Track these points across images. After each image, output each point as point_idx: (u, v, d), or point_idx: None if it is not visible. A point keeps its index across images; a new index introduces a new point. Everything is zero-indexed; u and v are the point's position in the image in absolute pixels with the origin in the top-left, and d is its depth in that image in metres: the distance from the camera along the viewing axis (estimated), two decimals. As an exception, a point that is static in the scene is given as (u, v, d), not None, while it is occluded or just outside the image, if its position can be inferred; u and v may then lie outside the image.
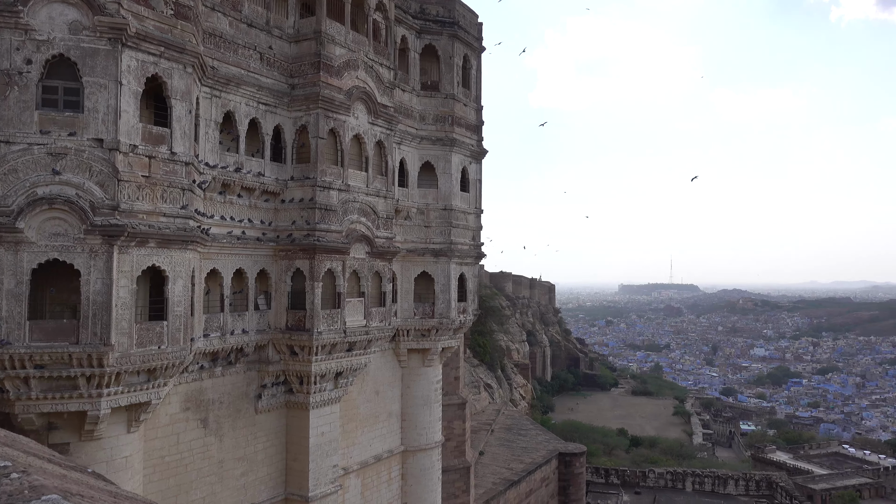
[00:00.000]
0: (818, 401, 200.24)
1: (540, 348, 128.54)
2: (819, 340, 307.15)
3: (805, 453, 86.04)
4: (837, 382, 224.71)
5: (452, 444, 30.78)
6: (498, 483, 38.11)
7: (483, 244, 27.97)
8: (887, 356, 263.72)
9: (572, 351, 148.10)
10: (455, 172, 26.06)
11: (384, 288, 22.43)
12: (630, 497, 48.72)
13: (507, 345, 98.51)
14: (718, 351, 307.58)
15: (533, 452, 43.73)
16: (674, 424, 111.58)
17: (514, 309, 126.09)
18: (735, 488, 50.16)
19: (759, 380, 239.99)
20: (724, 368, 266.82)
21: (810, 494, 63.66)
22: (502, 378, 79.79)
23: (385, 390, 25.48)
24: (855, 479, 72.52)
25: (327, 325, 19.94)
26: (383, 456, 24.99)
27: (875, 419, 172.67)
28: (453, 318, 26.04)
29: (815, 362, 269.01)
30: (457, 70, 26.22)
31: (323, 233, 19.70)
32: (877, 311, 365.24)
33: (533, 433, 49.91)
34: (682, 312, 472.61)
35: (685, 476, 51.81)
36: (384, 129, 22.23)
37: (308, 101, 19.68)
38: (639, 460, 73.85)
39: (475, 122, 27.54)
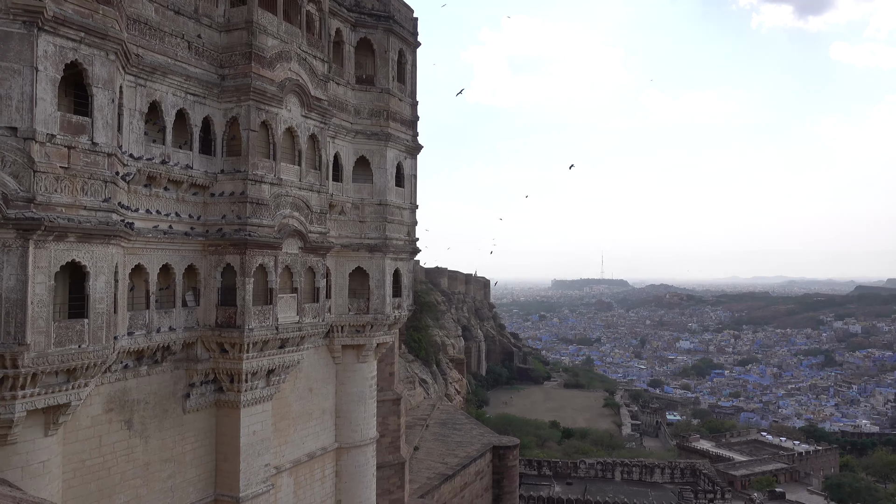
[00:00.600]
0: (739, 391, 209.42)
1: (475, 343, 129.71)
2: (740, 333, 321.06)
3: (726, 441, 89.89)
4: (756, 373, 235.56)
5: (387, 440, 30.72)
6: (433, 478, 38.27)
7: (418, 239, 27.99)
8: (802, 347, 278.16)
9: (507, 345, 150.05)
10: (390, 167, 25.96)
11: (318, 283, 22.15)
12: (562, 488, 49.77)
13: (442, 340, 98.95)
14: (646, 344, 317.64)
15: (467, 446, 44.11)
16: (604, 416, 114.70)
17: (450, 304, 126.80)
18: (661, 476, 51.95)
19: (685, 371, 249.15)
20: (651, 361, 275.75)
21: (731, 480, 66.61)
22: (437, 373, 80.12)
23: (319, 387, 25.18)
24: (772, 465, 76.24)
25: (259, 321, 19.55)
26: (317, 454, 24.71)
27: (790, 407, 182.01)
28: (388, 313, 25.96)
29: (736, 354, 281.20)
30: (392, 65, 26.11)
31: (254, 227, 19.28)
32: (793, 304, 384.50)
33: (468, 427, 50.33)
34: (612, 307, 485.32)
35: (614, 466, 53.27)
36: (318, 123, 21.93)
37: (239, 92, 19.21)
38: (570, 451, 75.60)
39: (410, 117, 27.49)
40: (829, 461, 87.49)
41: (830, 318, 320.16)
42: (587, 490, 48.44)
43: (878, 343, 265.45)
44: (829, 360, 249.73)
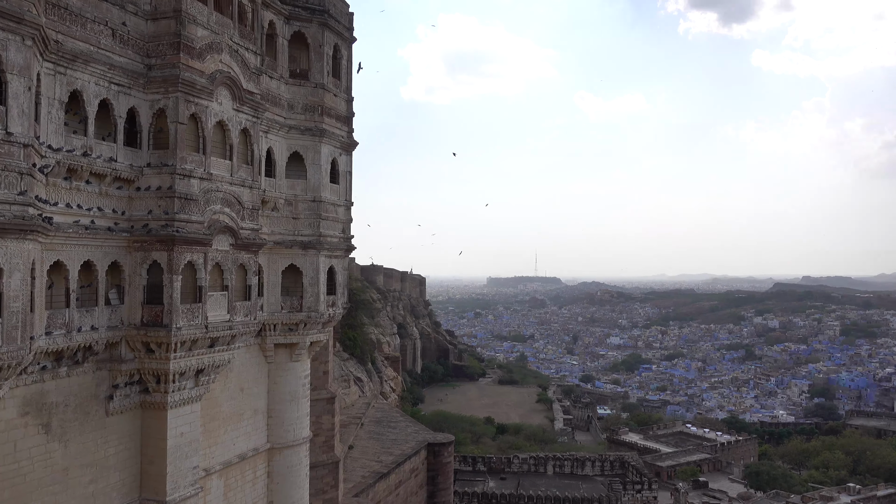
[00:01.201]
0: (665, 385, 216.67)
1: (410, 341, 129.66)
2: (667, 329, 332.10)
3: (654, 434, 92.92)
4: (682, 367, 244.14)
5: (321, 440, 30.37)
6: (367, 476, 38.07)
7: (353, 237, 27.76)
8: (724, 342, 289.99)
9: (442, 343, 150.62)
10: (325, 164, 25.63)
11: (249, 281, 21.69)
12: (495, 483, 50.34)
13: (377, 338, 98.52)
14: (578, 340, 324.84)
15: (402, 444, 44.06)
16: (537, 411, 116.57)
17: (386, 302, 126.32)
18: (592, 469, 53.20)
19: (615, 367, 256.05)
20: (583, 356, 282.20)
21: (658, 471, 68.91)
22: (373, 371, 79.75)
23: (250, 387, 24.66)
24: (696, 456, 79.31)
25: (187, 320, 18.98)
26: (248, 454, 24.20)
27: (714, 400, 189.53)
28: (322, 311, 25.65)
29: (663, 349, 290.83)
30: (327, 59, 25.77)
31: (183, 223, 18.70)
32: (716, 301, 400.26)
33: (403, 425, 50.29)
34: (545, 304, 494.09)
35: (547, 460, 54.25)
36: (250, 117, 21.45)
37: (167, 83, 18.58)
38: (504, 447, 76.52)
39: (346, 113, 27.22)
40: (748, 450, 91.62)
41: (751, 314, 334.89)
42: (520, 484, 49.13)
43: (794, 337, 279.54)
44: (750, 354, 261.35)
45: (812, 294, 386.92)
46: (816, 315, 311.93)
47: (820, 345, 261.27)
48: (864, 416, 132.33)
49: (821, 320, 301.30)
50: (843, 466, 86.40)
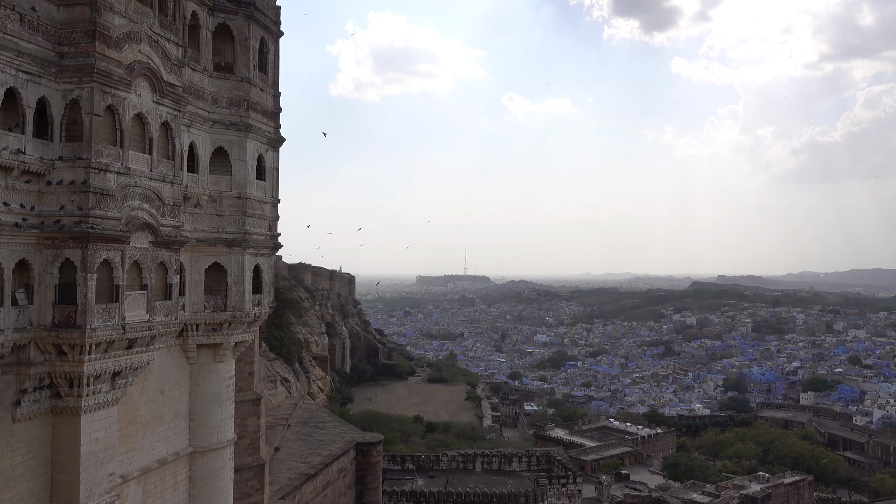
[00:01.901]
0: (590, 381, 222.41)
1: (339, 340, 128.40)
2: (592, 326, 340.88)
3: (578, 428, 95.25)
4: (606, 364, 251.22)
5: (246, 442, 29.68)
6: (294, 478, 37.46)
7: (279, 234, 27.24)
8: (645, 339, 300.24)
9: (371, 342, 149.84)
10: (250, 159, 25.03)
11: (170, 280, 20.96)
12: (424, 481, 50.42)
13: (305, 337, 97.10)
14: (507, 338, 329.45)
15: (330, 444, 43.57)
16: (466, 409, 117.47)
17: (314, 301, 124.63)
18: (519, 465, 54.00)
19: (542, 363, 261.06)
20: (511, 354, 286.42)
21: (582, 465, 70.70)
22: (300, 371, 78.55)
23: (171, 389, 23.84)
24: (618, 449, 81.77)
25: (103, 320, 18.18)
26: (168, 459, 23.38)
27: (635, 395, 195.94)
28: (247, 311, 25.06)
29: (588, 346, 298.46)
30: (253, 53, 25.17)
31: (98, 220, 17.89)
32: (638, 299, 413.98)
33: (331, 425, 49.73)
34: (475, 302, 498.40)
35: (475, 457, 54.72)
36: (171, 110, 20.72)
37: (81, 73, 17.73)
38: (433, 445, 76.76)
39: (272, 108, 26.67)
40: (667, 443, 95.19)
41: (670, 312, 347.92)
42: (449, 482, 49.40)
43: (710, 333, 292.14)
44: (669, 350, 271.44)
45: (727, 292, 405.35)
46: (730, 312, 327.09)
47: (733, 341, 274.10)
48: (773, 409, 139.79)
49: (734, 317, 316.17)
50: (754, 456, 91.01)
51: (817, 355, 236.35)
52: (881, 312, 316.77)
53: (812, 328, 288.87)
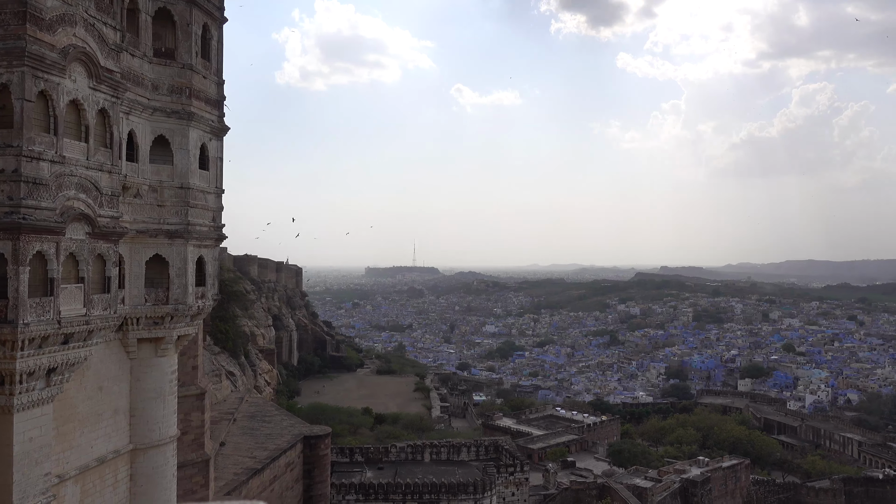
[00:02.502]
0: (537, 370, 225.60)
1: (286, 332, 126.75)
2: (539, 317, 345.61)
3: (526, 418, 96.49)
4: (553, 353, 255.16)
5: (190, 438, 29.04)
6: (240, 473, 36.85)
7: (224, 225, 26.66)
8: (591, 329, 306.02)
9: (319, 334, 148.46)
10: (193, 149, 24.39)
11: (109, 272, 20.29)
12: (373, 473, 50.30)
13: (251, 330, 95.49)
14: (455, 329, 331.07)
15: (278, 438, 43.02)
16: (415, 400, 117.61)
17: (260, 293, 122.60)
18: (467, 454, 54.39)
19: (490, 354, 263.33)
20: (460, 345, 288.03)
21: (530, 454, 71.70)
22: (246, 364, 77.28)
23: (110, 385, 23.12)
24: (565, 437, 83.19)
25: (37, 315, 17.48)
26: (108, 457, 22.70)
27: (581, 384, 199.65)
28: (190, 303, 24.48)
29: (535, 336, 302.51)
30: (195, 39, 24.48)
31: (30, 210, 17.17)
32: (584, 290, 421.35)
33: (278, 419, 49.09)
34: (423, 294, 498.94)
35: (424, 448, 54.85)
36: (109, 97, 19.99)
37: (10, 56, 16.93)
38: (382, 437, 76.65)
39: (216, 96, 26.02)
40: (612, 430, 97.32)
41: (615, 302, 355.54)
42: (398, 473, 49.40)
43: (653, 323, 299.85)
44: (614, 340, 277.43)
45: (669, 283, 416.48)
46: (672, 302, 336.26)
47: (675, 330, 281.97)
48: (713, 395, 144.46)
49: (676, 307, 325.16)
50: (694, 441, 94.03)
51: (754, 343, 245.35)
52: (813, 302, 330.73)
53: (749, 317, 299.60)
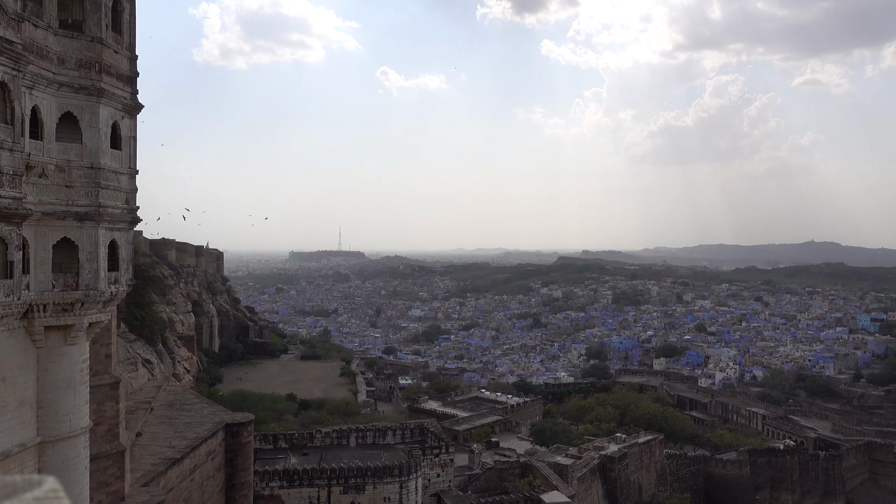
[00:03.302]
0: (463, 353, 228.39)
1: (207, 319, 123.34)
2: (464, 300, 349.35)
3: (451, 400, 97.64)
4: (478, 336, 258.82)
5: (104, 428, 27.90)
6: (158, 463, 35.73)
7: (138, 208, 25.57)
8: (515, 312, 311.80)
9: (241, 320, 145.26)
10: (104, 127, 23.21)
11: (11, 256, 19.16)
12: (298, 459, 49.78)
13: (169, 316, 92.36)
14: (381, 313, 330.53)
15: (198, 427, 41.91)
16: (341, 385, 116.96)
17: (179, 278, 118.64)
18: (393, 438, 54.59)
19: (416, 338, 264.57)
20: (386, 329, 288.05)
21: (455, 435, 72.69)
22: (164, 352, 74.78)
23: (14, 375, 21.90)
24: (489, 418, 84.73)
25: (-70, 302, 16.34)
26: (13, 451, 21.55)
27: (505, 366, 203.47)
28: (102, 289, 23.41)
29: (461, 320, 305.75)
30: (105, 11, 23.22)
31: (-79, 189, 15.97)
32: (508, 273, 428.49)
33: (198, 407, 47.81)
34: (349, 278, 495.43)
35: (349, 432, 54.69)
36: (9, 69, 18.77)
37: None
38: (307, 422, 75.91)
39: (128, 72, 24.81)
40: (535, 410, 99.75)
41: (538, 285, 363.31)
42: (323, 458, 49.08)
43: (575, 306, 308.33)
44: (537, 322, 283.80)
45: (590, 266, 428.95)
46: (593, 286, 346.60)
47: (596, 312, 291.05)
48: (630, 374, 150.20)
49: (597, 290, 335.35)
50: (613, 419, 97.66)
51: (669, 324, 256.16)
52: (723, 284, 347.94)
53: (665, 299, 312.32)
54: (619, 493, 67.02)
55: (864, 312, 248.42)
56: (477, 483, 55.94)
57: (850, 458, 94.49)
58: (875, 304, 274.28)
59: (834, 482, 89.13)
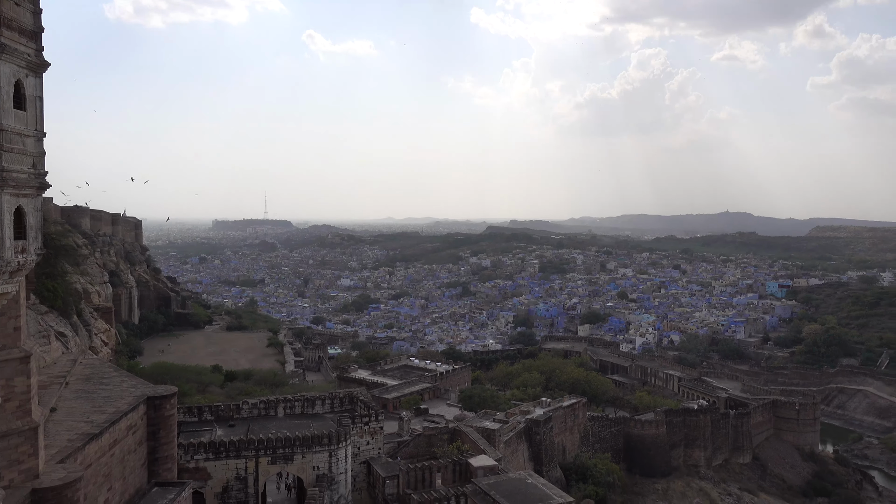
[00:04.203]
0: (392, 322, 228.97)
1: (126, 289, 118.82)
2: (394, 269, 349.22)
3: (381, 369, 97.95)
4: (407, 305, 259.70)
5: (14, 405, 26.57)
6: (75, 439, 34.36)
7: (47, 172, 24.13)
8: (445, 281, 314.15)
9: (163, 290, 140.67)
10: (6, 85, 21.66)
11: None
12: (224, 431, 48.93)
13: (84, 288, 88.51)
14: (309, 283, 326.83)
15: (117, 401, 40.47)
16: (268, 355, 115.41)
17: (94, 248, 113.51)
18: (322, 407, 54.34)
19: (345, 307, 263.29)
20: (314, 299, 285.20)
21: (385, 403, 73.11)
22: (79, 324, 71.77)
23: (-88, 351, 20.52)
24: (419, 386, 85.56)
25: None
26: (-88, 431, 20.29)
27: (435, 334, 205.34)
28: (9, 259, 22.10)
29: (390, 289, 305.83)
30: (5, -42, 21.52)
31: None
32: (438, 243, 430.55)
33: (117, 380, 46.12)
34: (276, 247, 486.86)
35: (277, 403, 54.08)
36: None
37: None
38: (234, 394, 74.67)
39: (32, 26, 23.15)
40: (463, 377, 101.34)
41: (467, 255, 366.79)
42: (250, 430, 48.41)
43: (503, 274, 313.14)
44: (466, 291, 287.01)
45: (517, 236, 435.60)
46: (521, 255, 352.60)
47: (523, 280, 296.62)
48: (556, 340, 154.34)
49: (524, 259, 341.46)
50: (539, 384, 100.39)
51: (593, 292, 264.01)
52: (644, 253, 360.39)
53: (589, 267, 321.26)
54: (544, 455, 69.23)
55: (773, 279, 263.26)
56: (406, 449, 56.56)
57: (757, 416, 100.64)
58: (783, 272, 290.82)
59: (742, 438, 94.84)
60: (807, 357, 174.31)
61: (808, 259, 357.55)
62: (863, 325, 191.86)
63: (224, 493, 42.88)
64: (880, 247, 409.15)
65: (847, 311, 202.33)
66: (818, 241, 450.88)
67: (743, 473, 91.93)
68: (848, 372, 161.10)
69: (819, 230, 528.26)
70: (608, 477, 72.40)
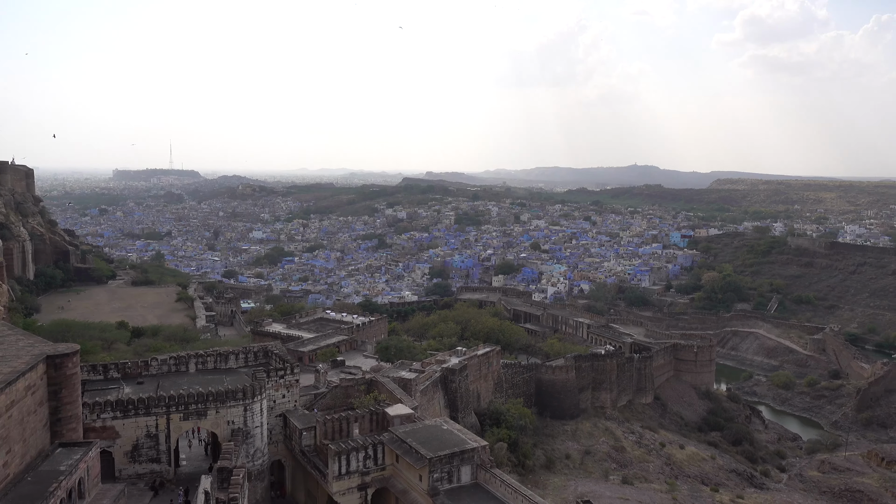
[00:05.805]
0: (307, 275, 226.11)
1: (18, 243, 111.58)
2: (308, 222, 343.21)
3: (296, 322, 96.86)
4: (322, 258, 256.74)
5: None
6: (-33, 402, 32.43)
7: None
8: (360, 233, 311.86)
9: (60, 244, 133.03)
10: None
11: None
12: (132, 388, 47.36)
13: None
14: (220, 236, 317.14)
15: (13, 360, 38.30)
16: (177, 311, 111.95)
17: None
18: (236, 362, 53.39)
19: (258, 261, 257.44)
20: (225, 252, 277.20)
21: (300, 356, 72.63)
22: (-33, 281, 66.93)
23: None
24: (335, 338, 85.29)
25: None
26: None
27: (351, 286, 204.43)
28: None
29: (305, 241, 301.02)
30: None
31: None
32: (353, 195, 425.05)
33: (12, 339, 43.57)
34: (183, 199, 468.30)
35: (188, 359, 52.68)
36: None
37: None
38: (142, 351, 72.26)
39: None
40: (380, 329, 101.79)
41: (383, 207, 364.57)
42: (160, 386, 47.05)
43: (419, 226, 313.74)
44: (382, 243, 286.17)
45: (433, 188, 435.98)
46: (436, 206, 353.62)
47: (439, 232, 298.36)
48: (471, 291, 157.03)
49: (440, 211, 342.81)
50: (454, 334, 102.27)
51: (507, 243, 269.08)
52: (557, 205, 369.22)
53: (504, 219, 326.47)
54: (460, 402, 70.98)
55: (676, 230, 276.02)
56: (323, 401, 56.61)
57: (659, 359, 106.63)
58: (685, 223, 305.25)
59: (645, 380, 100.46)
60: (705, 303, 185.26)
61: (708, 210, 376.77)
62: (756, 272, 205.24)
63: (134, 451, 41.76)
64: (773, 199, 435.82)
65: (742, 259, 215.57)
66: (718, 193, 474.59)
67: (645, 413, 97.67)
68: (741, 316, 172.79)
69: (719, 182, 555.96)
70: (520, 421, 75.21)
